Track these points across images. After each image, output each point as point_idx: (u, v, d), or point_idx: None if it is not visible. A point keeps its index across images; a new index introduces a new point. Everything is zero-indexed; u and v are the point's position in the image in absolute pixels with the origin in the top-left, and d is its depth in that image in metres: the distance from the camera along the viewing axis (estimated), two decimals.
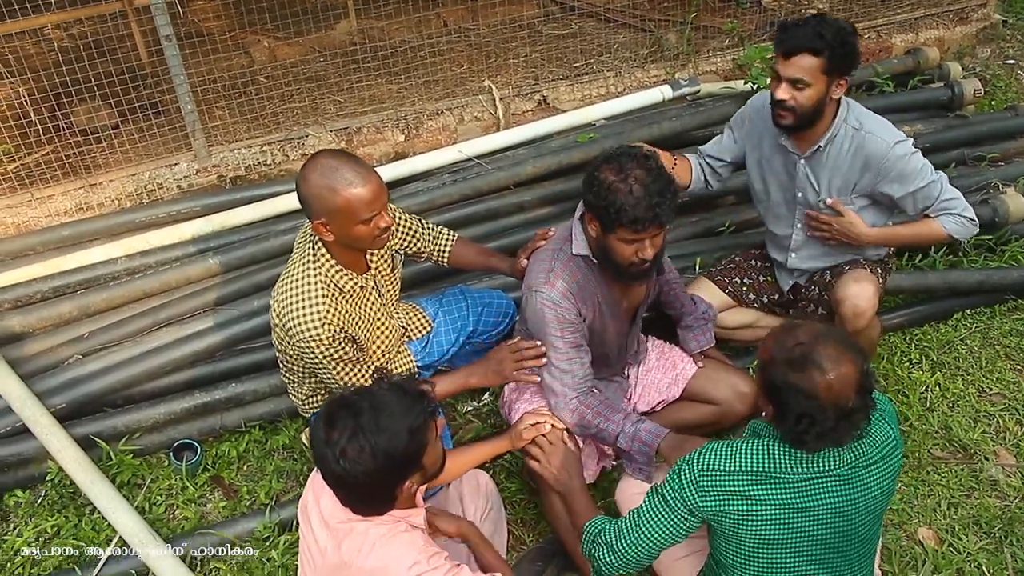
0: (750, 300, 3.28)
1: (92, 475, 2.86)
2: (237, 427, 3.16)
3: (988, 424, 3.18)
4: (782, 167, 3.03)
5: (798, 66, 2.73)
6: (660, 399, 2.93)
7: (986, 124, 4.36)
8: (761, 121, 3.03)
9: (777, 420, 2.00)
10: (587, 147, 3.90)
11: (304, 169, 2.37)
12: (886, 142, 2.83)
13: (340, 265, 2.49)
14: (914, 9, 5.24)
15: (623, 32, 5.09)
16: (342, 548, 1.93)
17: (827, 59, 2.71)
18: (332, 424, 1.84)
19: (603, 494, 2.87)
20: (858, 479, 2.01)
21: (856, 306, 2.89)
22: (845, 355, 1.92)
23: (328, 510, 1.99)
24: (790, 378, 1.92)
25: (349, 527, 1.95)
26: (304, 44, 4.90)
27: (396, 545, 1.91)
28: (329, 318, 2.43)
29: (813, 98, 2.76)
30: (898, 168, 2.84)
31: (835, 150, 2.89)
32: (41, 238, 3.65)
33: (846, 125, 2.87)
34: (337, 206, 2.33)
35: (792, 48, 2.72)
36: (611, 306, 2.63)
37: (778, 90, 2.78)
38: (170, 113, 4.23)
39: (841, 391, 1.89)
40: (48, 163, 3.86)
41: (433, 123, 4.36)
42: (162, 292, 3.46)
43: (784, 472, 1.99)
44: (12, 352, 3.23)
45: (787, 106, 2.78)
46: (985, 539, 2.79)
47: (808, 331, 1.97)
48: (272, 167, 4.12)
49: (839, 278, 2.99)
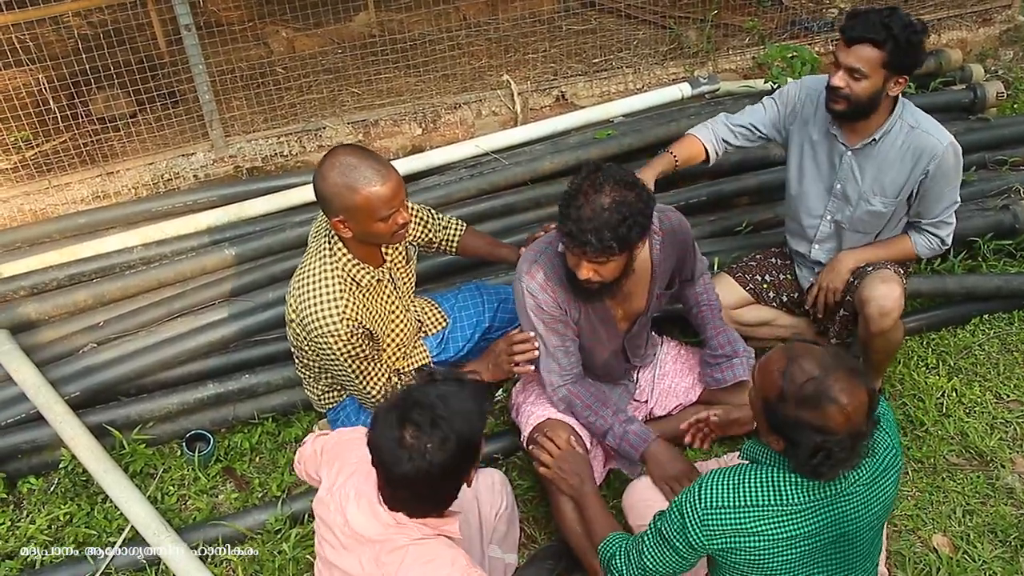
0: (770, 298, 3.27)
1: (105, 464, 2.86)
2: (250, 418, 3.16)
3: (1005, 431, 3.15)
4: (826, 156, 3.00)
5: (858, 55, 2.68)
6: (677, 403, 2.91)
7: (1008, 127, 4.31)
8: (812, 105, 2.99)
9: (788, 453, 1.93)
10: (605, 144, 3.88)
11: (322, 166, 2.35)
12: (941, 142, 2.81)
13: (356, 259, 2.49)
14: (937, 10, 5.19)
15: (643, 28, 5.06)
16: (380, 560, 1.90)
17: (889, 53, 2.66)
18: (405, 422, 1.81)
19: (614, 494, 2.86)
20: (863, 496, 1.97)
21: (883, 306, 2.86)
22: (855, 382, 1.86)
23: (357, 523, 1.94)
24: (804, 416, 1.85)
25: (385, 541, 1.91)
26: (322, 36, 4.90)
27: (439, 565, 1.89)
28: (348, 313, 2.42)
29: (869, 90, 2.72)
30: (944, 169, 2.84)
31: (887, 146, 2.86)
32: (57, 226, 3.65)
33: (901, 121, 2.84)
34: (356, 204, 2.32)
35: (855, 36, 2.67)
36: (600, 311, 2.60)
37: (835, 76, 2.75)
38: (188, 103, 4.24)
39: (857, 420, 1.85)
40: (66, 151, 3.87)
41: (451, 117, 4.35)
42: (177, 282, 3.46)
43: (791, 503, 1.93)
44: (27, 339, 3.24)
45: (841, 93, 2.75)
46: (1001, 547, 2.76)
47: (815, 362, 1.88)
48: (289, 158, 4.12)
49: (864, 279, 2.96)
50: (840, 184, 2.99)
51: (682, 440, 2.98)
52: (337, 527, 1.99)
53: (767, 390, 1.93)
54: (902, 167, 2.87)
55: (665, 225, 2.59)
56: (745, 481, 1.96)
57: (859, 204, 2.98)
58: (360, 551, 1.94)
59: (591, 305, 2.57)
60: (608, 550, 2.23)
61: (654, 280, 2.62)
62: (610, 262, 2.29)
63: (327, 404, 2.84)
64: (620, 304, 2.64)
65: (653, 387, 2.92)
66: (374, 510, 1.93)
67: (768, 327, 3.32)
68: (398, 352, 2.73)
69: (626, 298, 2.62)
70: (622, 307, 2.65)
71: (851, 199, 2.99)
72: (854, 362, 1.94)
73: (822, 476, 1.91)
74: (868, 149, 2.89)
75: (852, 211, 3.01)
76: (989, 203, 3.83)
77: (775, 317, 3.30)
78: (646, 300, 2.66)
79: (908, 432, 3.14)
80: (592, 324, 2.62)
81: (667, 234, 2.60)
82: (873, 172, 2.92)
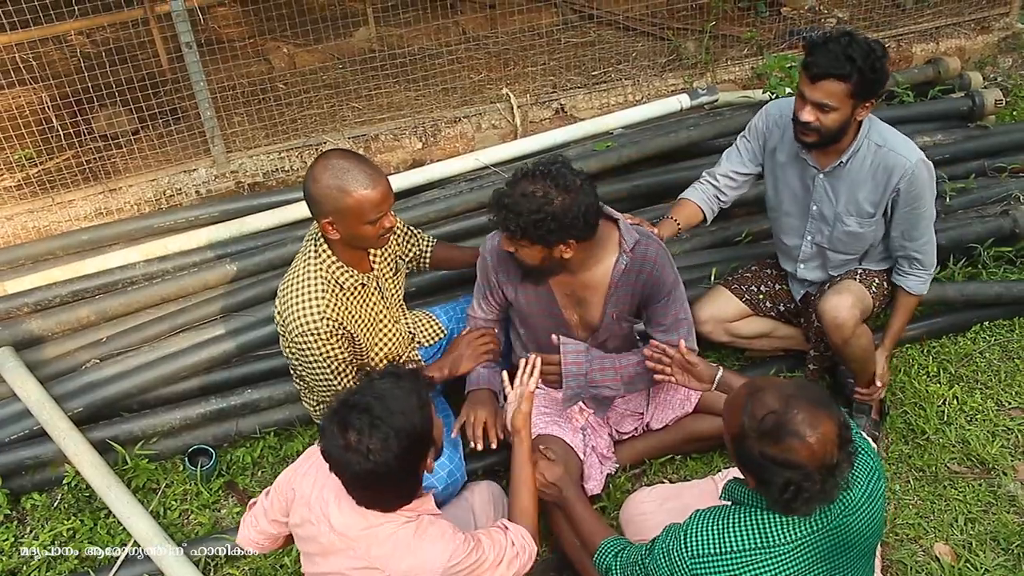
0: (766, 309, 3.27)
1: (108, 479, 2.88)
2: (252, 433, 3.17)
3: (1007, 439, 3.14)
4: (798, 179, 3.00)
5: (824, 90, 2.67)
6: (674, 415, 2.92)
7: (1007, 135, 4.32)
8: (779, 131, 3.00)
9: (760, 490, 1.90)
10: (604, 155, 3.90)
11: (313, 169, 2.38)
12: (908, 159, 2.80)
13: (341, 262, 2.52)
14: (935, 18, 5.21)
15: (641, 41, 5.09)
16: (371, 555, 1.95)
17: (854, 84, 2.65)
18: (347, 427, 1.86)
19: (614, 505, 2.86)
20: (852, 527, 1.94)
21: (835, 318, 2.88)
22: (820, 413, 1.81)
23: (342, 524, 1.99)
24: (768, 451, 1.81)
25: (371, 534, 1.96)
26: (323, 51, 4.93)
27: (427, 540, 1.96)
28: (328, 313, 2.45)
29: (838, 121, 2.72)
30: (916, 186, 2.83)
31: (856, 165, 2.87)
32: (61, 242, 3.68)
33: (868, 141, 2.84)
34: (347, 206, 2.36)
35: (819, 73, 2.66)
36: (544, 304, 2.67)
37: (803, 111, 2.74)
38: (189, 119, 4.27)
39: (824, 452, 1.79)
40: (69, 168, 3.91)
41: (451, 131, 4.37)
42: (180, 297, 3.48)
43: (778, 543, 1.89)
44: (31, 355, 3.27)
45: (811, 127, 2.74)
46: (1003, 556, 2.76)
47: (775, 395, 1.84)
48: (290, 173, 4.14)
49: (823, 292, 2.99)
50: (816, 205, 2.99)
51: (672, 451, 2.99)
52: (322, 536, 2.02)
53: (731, 427, 1.90)
54: (874, 185, 2.87)
55: (638, 250, 2.57)
56: (729, 525, 1.93)
57: (836, 224, 2.97)
58: (347, 551, 1.98)
59: (533, 293, 2.66)
60: (604, 561, 2.23)
61: (609, 296, 2.62)
62: (522, 247, 2.41)
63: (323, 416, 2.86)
64: (575, 309, 2.69)
65: (649, 401, 2.92)
66: (356, 507, 1.98)
67: (766, 339, 3.33)
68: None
69: (580, 304, 2.67)
70: (577, 312, 2.70)
71: (828, 219, 2.99)
72: (820, 393, 1.89)
73: (796, 512, 1.87)
74: (838, 171, 2.89)
75: (831, 231, 3.00)
76: (988, 210, 3.83)
77: (773, 328, 3.30)
78: (600, 314, 2.67)
79: (909, 440, 3.14)
80: (532, 311, 2.71)
81: (636, 259, 2.58)
82: (846, 192, 2.91)
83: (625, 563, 2.15)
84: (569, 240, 2.39)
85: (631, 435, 2.96)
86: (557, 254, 2.43)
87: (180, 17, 3.60)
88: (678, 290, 2.68)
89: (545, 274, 2.55)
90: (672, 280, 2.65)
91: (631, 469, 3.01)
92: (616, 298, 2.63)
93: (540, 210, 2.30)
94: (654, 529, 2.20)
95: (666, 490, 2.68)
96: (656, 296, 2.63)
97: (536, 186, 2.32)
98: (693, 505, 2.16)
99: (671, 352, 2.61)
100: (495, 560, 2.06)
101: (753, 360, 3.40)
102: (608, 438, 2.91)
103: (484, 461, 2.97)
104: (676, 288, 2.67)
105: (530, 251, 2.42)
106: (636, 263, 2.58)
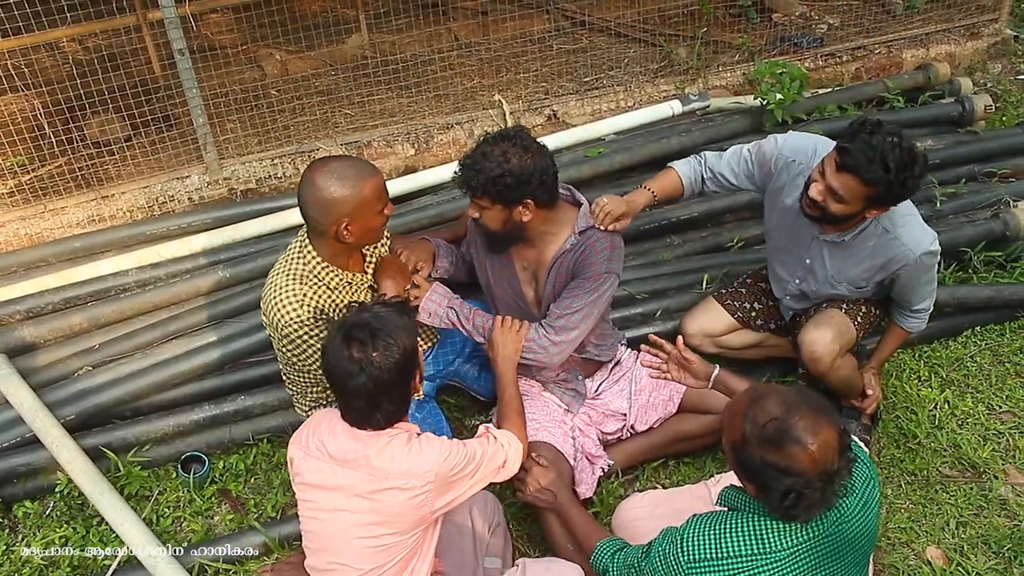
0: (758, 326, 3.26)
1: (101, 486, 2.87)
2: (245, 440, 3.17)
3: (998, 442, 3.16)
4: (798, 229, 2.91)
5: (844, 183, 2.56)
6: (658, 417, 2.93)
7: (997, 140, 4.35)
8: (788, 176, 2.88)
9: (760, 497, 1.91)
10: (596, 161, 3.91)
11: (315, 178, 2.40)
12: (912, 252, 2.74)
13: (326, 262, 2.54)
14: (925, 24, 5.24)
15: (633, 47, 5.10)
16: (373, 465, 2.12)
17: (877, 192, 2.55)
18: (350, 340, 2.07)
19: (607, 510, 2.87)
20: (847, 534, 1.96)
21: (812, 352, 2.89)
22: (821, 420, 1.83)
23: (340, 451, 2.16)
24: (769, 458, 1.82)
25: (368, 451, 2.13)
26: (316, 58, 4.94)
27: (419, 446, 2.16)
28: (307, 300, 2.48)
29: (845, 212, 2.64)
30: (915, 275, 2.82)
31: (858, 243, 2.81)
32: (53, 250, 3.67)
33: (876, 224, 2.75)
34: (365, 198, 2.43)
35: (847, 166, 2.53)
36: (505, 274, 2.78)
37: (815, 187, 2.63)
38: (182, 126, 4.26)
39: (825, 459, 1.81)
40: (61, 175, 3.90)
41: (443, 137, 4.38)
42: (172, 304, 3.48)
43: (774, 549, 1.91)
44: (23, 363, 3.26)
45: (818, 205, 2.65)
46: (994, 559, 2.77)
47: (777, 402, 1.86)
48: (283, 180, 4.14)
49: (806, 320, 2.98)
50: (809, 260, 2.95)
51: (661, 453, 3.01)
52: (326, 468, 2.17)
53: (732, 433, 1.92)
54: (871, 264, 2.83)
55: (586, 234, 2.66)
56: (726, 531, 1.94)
57: (825, 284, 2.95)
58: (349, 472, 2.14)
59: (498, 263, 2.78)
60: (600, 562, 2.24)
61: (550, 272, 2.70)
62: (485, 210, 2.56)
63: None
64: (530, 285, 2.78)
65: (632, 403, 2.94)
66: (350, 432, 2.17)
67: (756, 348, 3.32)
68: None
69: (535, 280, 2.76)
70: (532, 289, 2.78)
71: (818, 277, 2.96)
72: (821, 400, 1.91)
73: (796, 519, 1.88)
74: (838, 244, 2.84)
75: (818, 287, 2.98)
76: (979, 214, 3.85)
77: (763, 339, 3.30)
78: (542, 289, 2.75)
79: (901, 445, 3.15)
80: (496, 280, 2.81)
81: (580, 241, 2.66)
82: (840, 263, 2.88)
83: (622, 565, 2.16)
84: (526, 200, 2.52)
85: (616, 436, 2.98)
86: (517, 217, 2.56)
87: (172, 24, 3.59)
88: (596, 287, 2.64)
89: (507, 241, 2.68)
90: (597, 272, 2.63)
91: (624, 474, 3.02)
92: (555, 275, 2.70)
93: (498, 166, 2.47)
94: (646, 535, 2.21)
95: (657, 495, 2.69)
96: (577, 275, 2.66)
97: (495, 148, 2.50)
98: (685, 510, 2.17)
99: (668, 348, 2.62)
100: (485, 454, 2.28)
101: (744, 366, 3.40)
102: (595, 437, 2.93)
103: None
104: (596, 283, 2.64)
105: (492, 212, 2.57)
106: (579, 245, 2.66)
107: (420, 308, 2.69)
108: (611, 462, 2.93)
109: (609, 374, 2.98)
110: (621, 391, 2.95)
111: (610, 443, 2.99)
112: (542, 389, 2.93)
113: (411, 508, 2.13)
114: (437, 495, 2.15)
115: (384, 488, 2.11)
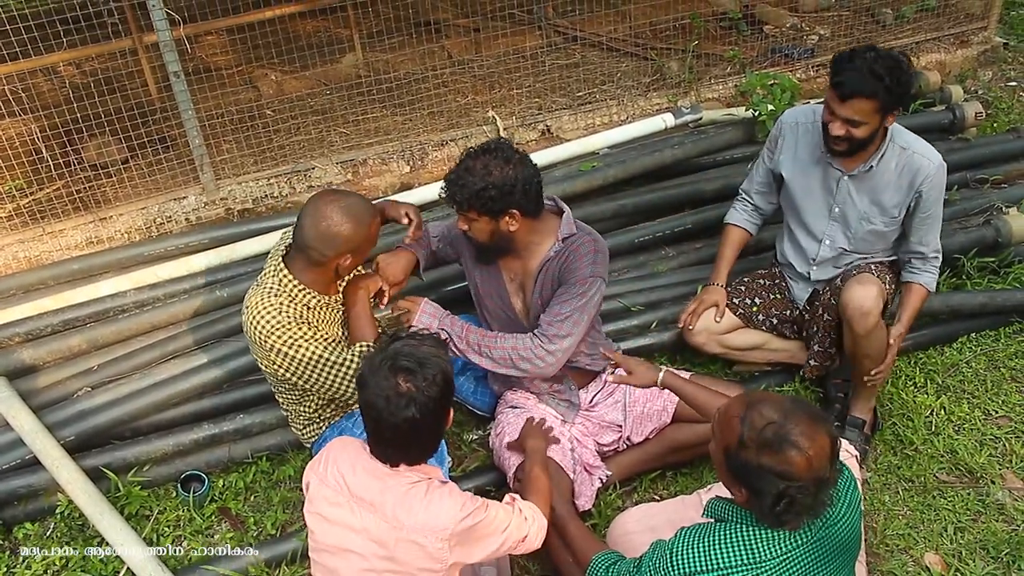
0: (759, 321, 3.30)
1: (101, 507, 2.88)
2: (245, 458, 3.18)
3: (994, 447, 3.17)
4: (820, 182, 3.08)
5: (854, 108, 2.78)
6: (653, 427, 2.94)
7: (988, 147, 4.38)
8: (793, 136, 3.11)
9: (751, 503, 1.92)
10: (590, 175, 3.93)
11: (328, 214, 2.46)
12: (932, 162, 2.94)
13: (304, 285, 2.57)
14: (915, 33, 5.28)
15: (625, 61, 5.14)
16: (388, 514, 2.05)
17: (882, 100, 2.76)
18: (398, 370, 1.99)
19: (605, 522, 2.87)
20: (835, 538, 1.97)
21: (861, 307, 2.91)
22: (817, 426, 1.85)
23: (359, 487, 2.09)
24: (765, 461, 1.83)
25: (386, 497, 2.06)
26: (310, 77, 4.98)
27: (438, 497, 2.07)
28: (285, 310, 2.51)
29: (868, 132, 2.84)
30: (937, 189, 2.96)
31: (883, 169, 2.97)
32: (51, 272, 3.69)
33: (893, 144, 2.95)
34: (369, 237, 2.56)
35: (848, 93, 2.77)
36: (494, 284, 2.82)
37: (833, 126, 2.85)
38: (179, 147, 4.30)
39: (820, 465, 1.83)
40: (59, 198, 3.93)
41: (438, 154, 4.41)
42: (170, 324, 3.49)
43: (764, 558, 1.91)
44: (23, 385, 3.27)
45: (843, 139, 2.87)
46: (992, 564, 2.77)
47: (774, 407, 1.87)
48: (279, 199, 4.17)
49: (845, 282, 3.02)
50: (839, 207, 3.07)
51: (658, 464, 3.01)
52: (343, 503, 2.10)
53: (727, 438, 1.92)
54: (898, 187, 2.97)
55: (570, 240, 2.70)
56: (715, 542, 1.94)
57: (859, 224, 3.05)
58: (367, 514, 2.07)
59: (487, 274, 2.83)
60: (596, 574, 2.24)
61: (536, 281, 2.74)
62: (472, 222, 2.60)
63: (310, 438, 2.88)
64: (518, 295, 2.82)
65: (626, 415, 2.95)
66: (371, 470, 2.09)
67: (759, 351, 3.35)
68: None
69: (523, 290, 2.80)
70: (520, 300, 2.82)
71: (850, 222, 3.07)
72: (815, 408, 1.94)
73: (786, 525, 1.89)
74: (865, 174, 2.98)
75: (852, 233, 3.09)
76: (971, 221, 3.87)
77: (766, 341, 3.32)
78: (530, 298, 2.78)
79: (898, 451, 3.16)
80: (486, 291, 2.86)
81: (564, 248, 2.70)
82: (870, 195, 3.01)
83: None
84: (512, 210, 2.56)
85: (613, 448, 2.99)
86: (504, 227, 2.61)
87: (168, 47, 3.63)
88: (583, 291, 2.66)
89: (495, 253, 2.73)
90: (583, 276, 2.66)
91: (621, 486, 3.02)
92: (541, 283, 2.73)
93: (481, 179, 2.51)
94: (639, 547, 2.21)
95: (650, 507, 2.68)
96: (563, 282, 2.69)
97: (477, 162, 2.55)
98: (677, 519, 2.17)
99: (609, 354, 2.69)
100: (505, 520, 2.17)
101: (742, 376, 3.42)
102: (593, 448, 2.94)
103: (474, 481, 2.98)
104: (582, 287, 2.66)
105: (479, 224, 2.61)
106: (564, 251, 2.69)
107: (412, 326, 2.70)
108: (609, 472, 2.94)
109: (603, 386, 3.00)
110: (616, 403, 2.96)
111: (607, 455, 3.00)
112: (537, 401, 2.94)
113: (426, 558, 2.07)
114: (452, 548, 2.07)
115: (399, 539, 2.05)
